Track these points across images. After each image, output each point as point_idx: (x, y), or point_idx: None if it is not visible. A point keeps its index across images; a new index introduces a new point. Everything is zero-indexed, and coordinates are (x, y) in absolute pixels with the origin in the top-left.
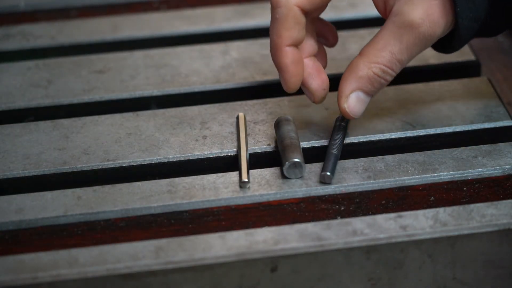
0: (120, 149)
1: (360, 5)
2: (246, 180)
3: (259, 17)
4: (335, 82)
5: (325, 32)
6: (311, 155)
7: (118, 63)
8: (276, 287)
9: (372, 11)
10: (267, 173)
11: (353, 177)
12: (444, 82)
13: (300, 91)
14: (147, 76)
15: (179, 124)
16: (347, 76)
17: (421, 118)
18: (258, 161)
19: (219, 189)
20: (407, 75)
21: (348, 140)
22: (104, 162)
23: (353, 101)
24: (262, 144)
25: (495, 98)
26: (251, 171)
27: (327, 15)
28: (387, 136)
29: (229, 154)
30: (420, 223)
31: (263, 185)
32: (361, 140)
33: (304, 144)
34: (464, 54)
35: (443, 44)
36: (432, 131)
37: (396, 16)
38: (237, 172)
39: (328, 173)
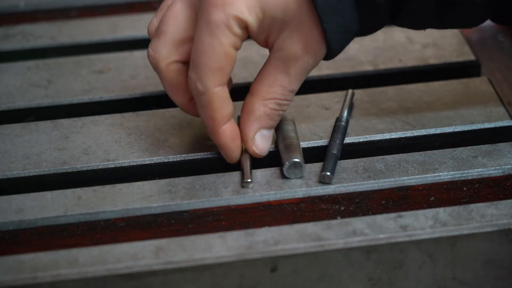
0: (120, 149)
1: None
2: (249, 180)
3: None
4: (336, 82)
5: None
6: (311, 155)
7: (118, 63)
8: (276, 287)
9: None
10: (267, 173)
11: (353, 177)
12: (444, 82)
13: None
14: (147, 76)
15: (179, 124)
16: (246, 119)
17: (421, 118)
18: (258, 161)
19: (219, 189)
20: (407, 75)
21: (348, 140)
22: (104, 162)
23: (259, 141)
24: None
25: (495, 98)
26: None
27: None
28: (387, 136)
29: None
30: (420, 223)
31: (263, 185)
32: (361, 140)
33: (304, 144)
34: (464, 54)
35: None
36: (432, 131)
37: (278, 51)
38: (237, 172)
39: (328, 173)
